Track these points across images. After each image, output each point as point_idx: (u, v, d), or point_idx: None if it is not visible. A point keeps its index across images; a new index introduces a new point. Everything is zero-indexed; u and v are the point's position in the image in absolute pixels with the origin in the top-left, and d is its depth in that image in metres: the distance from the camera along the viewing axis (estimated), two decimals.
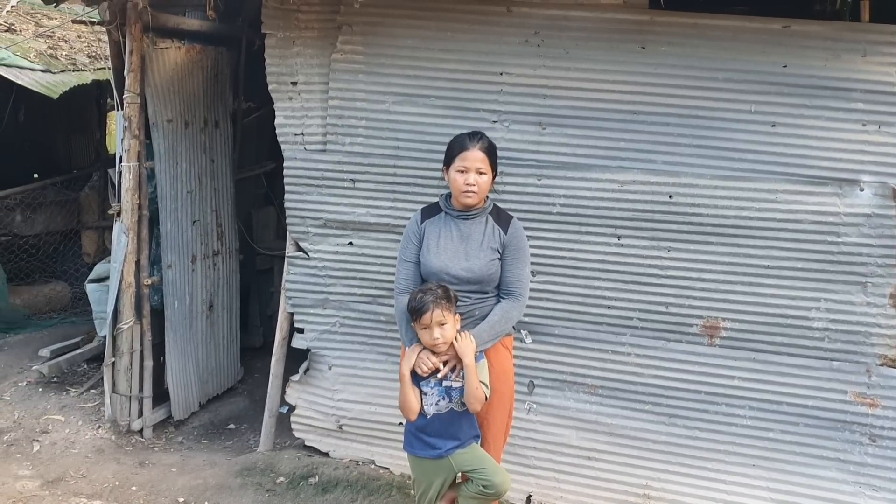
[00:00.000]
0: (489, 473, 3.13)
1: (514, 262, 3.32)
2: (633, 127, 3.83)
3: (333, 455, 4.50)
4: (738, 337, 3.84)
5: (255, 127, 6.42)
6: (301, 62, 4.20)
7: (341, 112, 4.17)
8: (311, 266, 4.36)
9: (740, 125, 3.73)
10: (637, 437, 4.01)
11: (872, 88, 3.57)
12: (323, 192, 4.26)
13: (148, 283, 4.83)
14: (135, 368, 4.87)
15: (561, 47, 3.86)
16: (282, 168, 4.35)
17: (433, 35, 3.99)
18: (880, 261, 3.62)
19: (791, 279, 3.75)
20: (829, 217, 3.66)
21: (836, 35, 3.59)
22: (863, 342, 3.69)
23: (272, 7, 4.17)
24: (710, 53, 3.72)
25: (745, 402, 3.86)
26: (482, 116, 3.97)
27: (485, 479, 3.12)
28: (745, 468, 3.89)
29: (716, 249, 3.81)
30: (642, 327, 3.95)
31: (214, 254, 5.43)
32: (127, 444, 4.83)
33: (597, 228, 3.91)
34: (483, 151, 3.27)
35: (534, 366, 4.08)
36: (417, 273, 3.35)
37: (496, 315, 3.27)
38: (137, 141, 4.67)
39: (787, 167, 3.70)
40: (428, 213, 3.43)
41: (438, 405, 3.15)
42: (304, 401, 4.52)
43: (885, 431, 3.69)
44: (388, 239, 4.17)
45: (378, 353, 4.35)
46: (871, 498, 3.72)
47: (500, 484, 3.13)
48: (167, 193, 4.88)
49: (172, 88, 4.87)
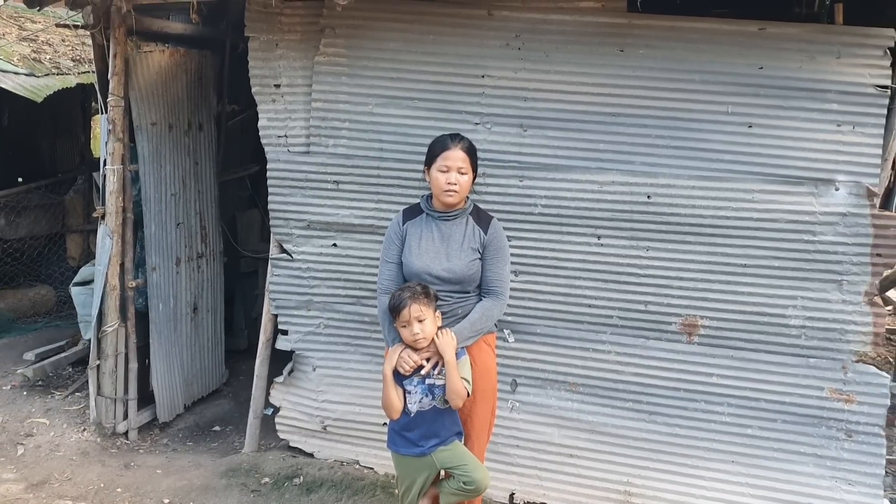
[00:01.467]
0: (470, 470, 3.17)
1: (494, 261, 3.36)
2: (613, 129, 3.89)
3: (318, 456, 4.52)
4: (717, 335, 3.90)
5: (240, 129, 6.43)
6: (284, 65, 4.24)
7: (325, 114, 4.20)
8: (295, 268, 4.39)
9: (717, 126, 3.79)
10: (618, 434, 4.06)
11: (846, 89, 3.64)
12: (306, 193, 4.29)
13: (132, 285, 4.84)
14: (120, 371, 4.88)
15: (541, 50, 3.91)
16: (266, 170, 4.38)
17: (416, 38, 4.03)
18: (855, 259, 3.69)
19: (768, 278, 3.81)
20: (805, 216, 3.73)
21: (811, 37, 3.66)
22: (839, 339, 3.76)
23: (255, 10, 4.20)
24: (687, 56, 3.79)
25: (724, 399, 3.92)
26: (465, 119, 4.01)
27: (466, 476, 3.16)
28: (724, 464, 3.94)
29: (694, 249, 3.87)
30: (622, 326, 4.00)
31: (199, 256, 5.44)
32: (112, 446, 4.83)
33: (577, 229, 3.97)
34: (464, 151, 3.32)
35: (516, 364, 4.12)
36: (400, 273, 3.39)
37: (477, 313, 3.32)
38: (121, 144, 4.68)
39: (764, 167, 3.76)
40: (409, 215, 3.47)
41: (421, 403, 3.18)
42: (289, 402, 4.54)
43: (861, 427, 3.76)
44: (372, 240, 4.20)
45: (362, 353, 4.38)
46: (848, 492, 3.78)
47: (480, 480, 3.17)
48: (151, 196, 4.89)
49: (156, 92, 4.89)
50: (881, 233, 3.65)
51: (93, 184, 7.43)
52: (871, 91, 3.62)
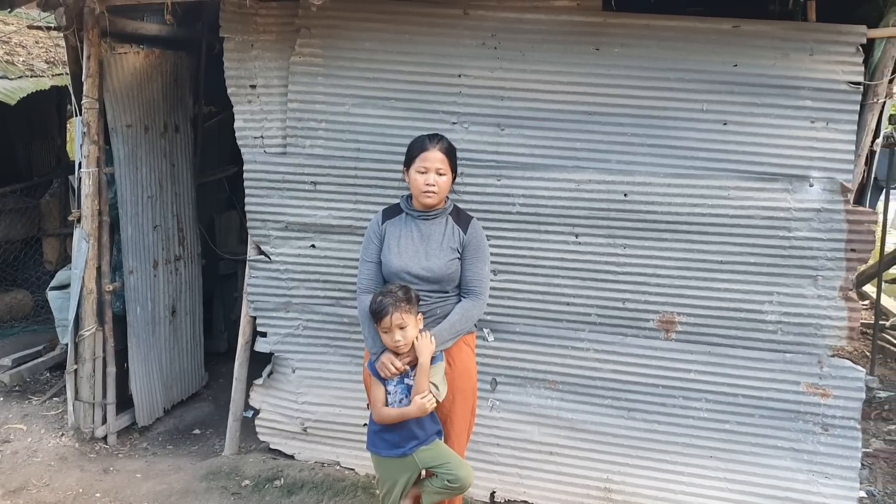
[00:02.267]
0: (453, 468, 3.18)
1: (473, 261, 3.37)
2: (589, 127, 3.90)
3: (299, 457, 4.51)
4: (694, 331, 3.93)
5: (217, 131, 6.40)
6: (260, 65, 4.22)
7: (301, 115, 4.19)
8: (273, 269, 4.37)
9: (692, 124, 3.81)
10: (597, 431, 4.08)
11: (820, 86, 3.67)
12: (284, 194, 4.28)
13: (109, 289, 4.80)
14: (98, 375, 4.84)
15: (517, 49, 3.92)
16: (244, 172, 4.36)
17: (391, 38, 4.03)
18: (830, 254, 3.72)
19: (744, 274, 3.84)
20: (780, 212, 3.75)
21: (785, 34, 3.68)
22: (814, 334, 3.79)
23: (230, 11, 4.19)
24: (662, 54, 3.80)
25: (702, 395, 3.95)
26: (442, 118, 4.01)
27: (449, 474, 3.16)
28: (702, 460, 3.97)
29: (670, 246, 3.89)
30: (600, 323, 4.02)
31: (176, 259, 5.41)
32: (91, 451, 4.79)
33: (555, 227, 3.98)
34: (443, 152, 3.32)
35: (496, 363, 4.13)
36: (379, 273, 3.39)
37: (456, 314, 3.31)
38: (97, 146, 4.64)
39: (739, 164, 3.79)
40: (389, 214, 3.47)
41: (402, 403, 3.18)
42: (269, 404, 4.53)
43: (837, 420, 3.80)
44: (351, 241, 4.20)
45: (342, 355, 4.37)
46: (824, 485, 3.82)
47: (464, 478, 3.18)
48: (127, 199, 4.86)
49: (132, 93, 4.85)
50: (855, 228, 3.68)
51: (69, 187, 7.38)
52: (844, 88, 3.64)
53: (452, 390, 3.28)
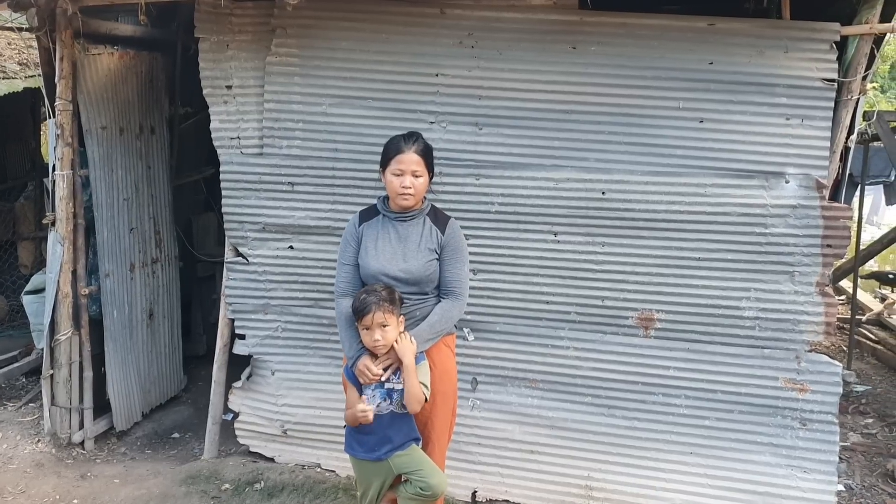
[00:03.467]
0: (426, 475, 3.16)
1: (452, 262, 3.35)
2: (567, 126, 3.91)
3: (279, 460, 4.48)
4: (673, 328, 3.94)
5: (193, 132, 6.35)
6: (236, 66, 4.19)
7: (277, 115, 4.16)
8: (251, 271, 4.34)
9: (669, 122, 3.83)
10: (578, 429, 4.09)
11: (795, 83, 3.70)
12: (261, 196, 4.25)
13: (85, 292, 4.75)
14: (74, 380, 4.78)
15: (494, 48, 3.92)
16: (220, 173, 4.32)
17: (368, 37, 4.01)
18: (806, 250, 3.75)
19: (722, 270, 3.86)
20: (756, 209, 3.77)
21: (760, 32, 3.71)
22: (792, 329, 3.81)
23: (205, 11, 4.15)
24: (638, 52, 3.81)
25: (681, 392, 3.96)
26: (420, 118, 4.00)
27: (422, 482, 3.15)
28: (683, 456, 3.98)
29: (648, 243, 3.90)
30: (580, 321, 4.02)
31: (153, 261, 5.36)
32: (68, 457, 4.74)
33: (534, 226, 3.98)
34: (418, 154, 3.29)
35: (476, 363, 4.12)
36: (357, 275, 3.36)
37: (436, 315, 3.30)
38: (71, 149, 4.59)
39: (716, 161, 3.81)
40: (366, 216, 3.44)
41: (379, 407, 3.16)
42: (248, 407, 4.49)
43: (815, 415, 3.83)
44: (329, 241, 4.17)
45: (321, 356, 4.35)
46: (803, 479, 3.85)
47: (436, 486, 3.16)
48: (103, 201, 4.81)
49: (106, 95, 4.80)
50: (831, 224, 3.71)
51: (44, 190, 7.28)
52: (819, 85, 3.67)
53: (433, 393, 3.26)
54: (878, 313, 8.48)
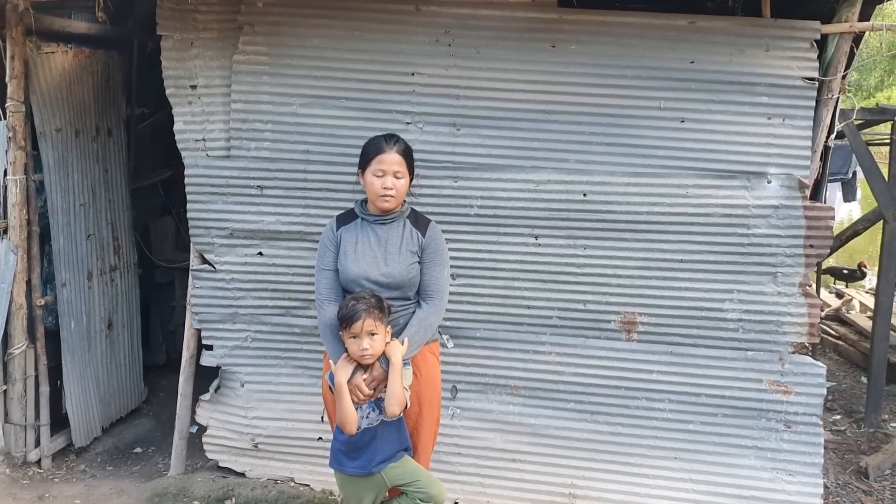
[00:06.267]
0: (424, 486, 3.04)
1: (432, 265, 3.25)
2: (546, 126, 3.82)
3: (250, 475, 4.31)
4: (655, 331, 3.89)
5: (150, 134, 6.13)
6: (201, 64, 4.01)
7: (245, 116, 4.00)
8: (219, 279, 4.17)
9: (650, 122, 3.77)
10: (560, 436, 4.01)
11: (776, 82, 3.67)
12: (228, 200, 4.08)
13: (41, 303, 4.52)
14: (29, 395, 4.55)
15: (472, 47, 3.81)
16: (178, 176, 4.14)
17: (340, 34, 3.88)
18: (789, 251, 3.72)
19: (704, 272, 3.81)
20: (738, 210, 3.73)
21: (740, 30, 3.66)
22: (775, 331, 3.78)
23: (168, 8, 3.97)
24: (618, 51, 3.75)
25: (665, 396, 3.91)
26: (395, 118, 3.88)
27: (420, 493, 3.03)
28: (667, 461, 3.93)
29: (630, 246, 3.84)
30: (562, 326, 3.94)
31: (112, 269, 5.14)
32: (24, 477, 4.50)
33: (514, 229, 3.89)
34: (400, 154, 3.18)
35: (456, 370, 4.01)
36: (337, 281, 3.23)
37: (413, 327, 3.18)
38: (24, 152, 4.36)
39: (697, 162, 3.76)
40: (343, 220, 3.32)
41: (369, 418, 3.03)
42: (217, 420, 4.32)
43: (799, 417, 3.80)
44: (301, 247, 4.03)
45: (293, 367, 4.20)
46: (789, 482, 3.82)
47: (437, 495, 3.05)
48: (58, 207, 4.58)
49: (60, 95, 4.58)
50: (813, 224, 3.69)
51: None
52: (800, 83, 3.65)
53: (419, 401, 3.16)
54: (836, 309, 8.58)
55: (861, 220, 8.06)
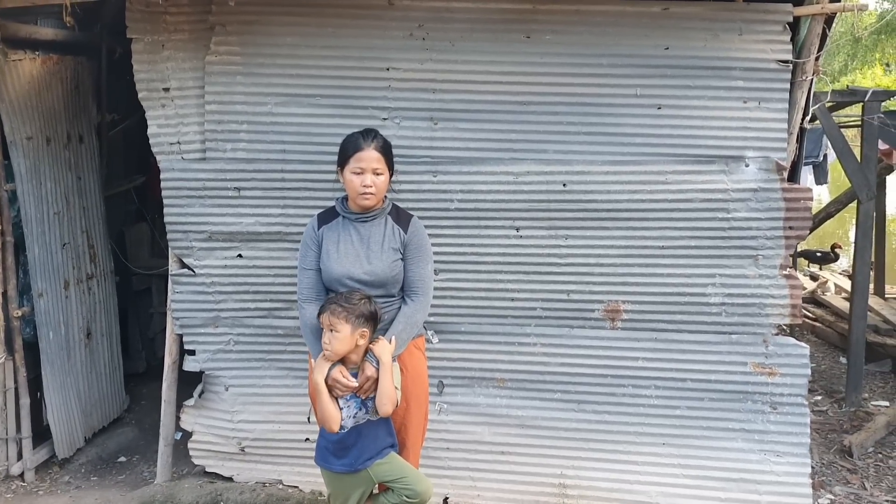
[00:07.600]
0: (411, 482, 3.03)
1: (415, 261, 3.23)
2: (524, 118, 3.81)
3: (238, 479, 4.27)
4: (639, 318, 3.89)
5: (122, 139, 6.04)
6: (173, 66, 3.96)
7: (220, 117, 3.95)
8: (199, 283, 4.12)
9: (627, 109, 3.77)
10: (548, 426, 4.01)
11: (751, 66, 3.68)
12: (205, 202, 4.03)
13: (18, 314, 4.45)
14: (10, 408, 4.47)
15: (446, 40, 3.79)
16: (152, 182, 4.08)
17: (314, 32, 3.84)
18: (769, 233, 3.74)
19: (686, 257, 3.82)
20: (718, 194, 3.75)
21: (714, 15, 3.67)
22: (758, 314, 3.80)
23: (137, 10, 3.90)
24: (593, 39, 3.74)
25: (651, 382, 3.91)
26: (372, 114, 3.85)
27: (407, 489, 3.01)
28: (655, 447, 3.94)
29: (612, 234, 3.84)
30: (546, 317, 3.94)
31: (88, 277, 5.07)
32: (7, 490, 4.43)
33: (495, 222, 3.88)
34: (379, 151, 3.16)
35: (442, 365, 4.00)
36: (320, 281, 3.21)
37: (399, 324, 3.16)
38: None
39: (675, 148, 3.76)
40: (324, 219, 3.29)
41: (356, 417, 3.01)
42: (202, 425, 4.27)
43: (785, 398, 3.82)
44: (281, 248, 4.00)
45: (278, 368, 4.16)
46: (776, 464, 3.84)
47: (423, 492, 3.03)
48: (32, 216, 4.51)
49: (30, 103, 4.50)
50: (792, 206, 3.71)
51: None
52: (774, 66, 3.66)
53: (407, 397, 3.14)
54: (812, 291, 8.67)
55: (833, 203, 8.13)
